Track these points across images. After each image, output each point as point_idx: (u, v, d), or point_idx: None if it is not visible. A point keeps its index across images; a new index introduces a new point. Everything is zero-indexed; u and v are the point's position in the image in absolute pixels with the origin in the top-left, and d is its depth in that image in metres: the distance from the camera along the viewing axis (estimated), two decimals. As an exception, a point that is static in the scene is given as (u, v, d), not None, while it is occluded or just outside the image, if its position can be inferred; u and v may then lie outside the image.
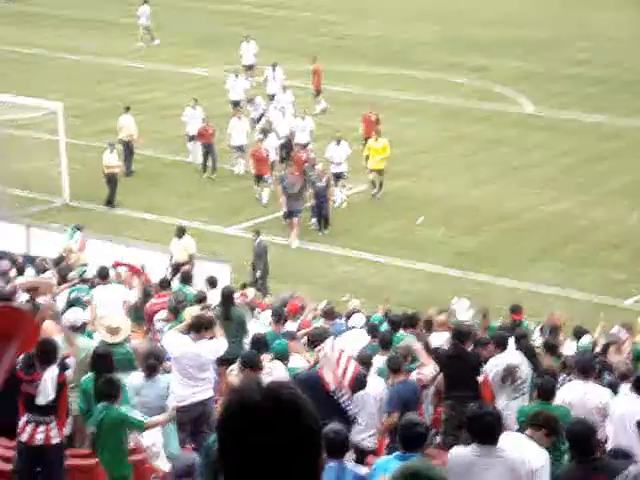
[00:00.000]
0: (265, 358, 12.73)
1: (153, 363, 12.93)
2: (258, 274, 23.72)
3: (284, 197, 27.01)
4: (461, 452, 8.76)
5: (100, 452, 11.18)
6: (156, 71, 41.18)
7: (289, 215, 27.04)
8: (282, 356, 13.17)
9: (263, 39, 40.98)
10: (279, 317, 16.45)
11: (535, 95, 36.78)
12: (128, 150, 31.06)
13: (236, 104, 33.83)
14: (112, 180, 29.04)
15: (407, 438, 9.13)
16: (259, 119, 32.73)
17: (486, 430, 8.59)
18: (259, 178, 29.20)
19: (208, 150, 31.03)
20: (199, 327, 13.26)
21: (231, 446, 3.59)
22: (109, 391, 11.20)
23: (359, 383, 11.97)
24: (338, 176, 28.76)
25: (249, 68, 37.40)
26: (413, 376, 13.18)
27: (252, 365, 11.93)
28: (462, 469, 8.57)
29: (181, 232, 24.19)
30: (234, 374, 12.39)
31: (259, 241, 24.22)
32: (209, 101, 34.27)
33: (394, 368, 12.82)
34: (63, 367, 11.36)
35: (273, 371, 12.53)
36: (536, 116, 35.27)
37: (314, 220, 27.62)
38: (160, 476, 11.61)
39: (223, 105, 34.29)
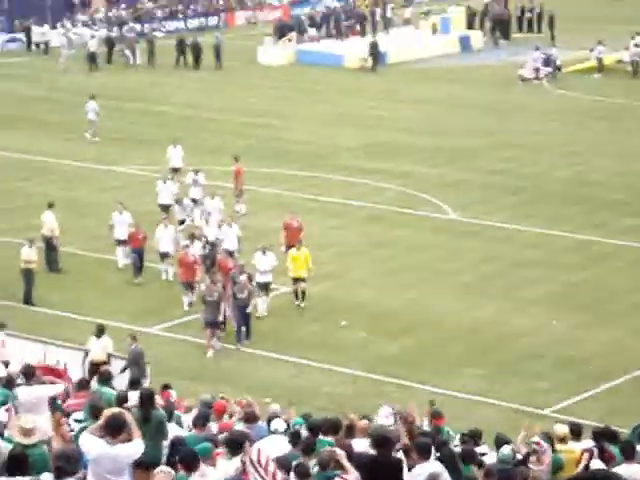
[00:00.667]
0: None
1: (62, 466, 12.46)
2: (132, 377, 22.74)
3: (204, 306, 26.82)
4: None
5: None
6: (83, 168, 41.02)
7: (207, 325, 26.77)
8: (206, 459, 12.95)
9: (191, 141, 41.16)
10: (203, 420, 16.20)
11: (458, 202, 37.27)
12: (50, 246, 30.78)
13: (165, 208, 33.62)
14: (28, 276, 28.72)
15: None
16: (183, 222, 32.71)
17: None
18: (187, 285, 28.90)
19: (137, 254, 30.59)
20: (112, 429, 12.92)
21: None
22: None
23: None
24: (263, 286, 28.56)
25: (176, 171, 37.37)
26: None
27: (190, 465, 11.83)
28: None
29: (100, 331, 23.94)
30: (161, 477, 12.08)
31: (134, 347, 23.82)
32: (136, 200, 34.20)
33: (301, 473, 12.64)
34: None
35: (207, 473, 12.34)
36: (459, 222, 35.70)
37: (236, 324, 27.32)
38: None
39: (149, 204, 34.17)
